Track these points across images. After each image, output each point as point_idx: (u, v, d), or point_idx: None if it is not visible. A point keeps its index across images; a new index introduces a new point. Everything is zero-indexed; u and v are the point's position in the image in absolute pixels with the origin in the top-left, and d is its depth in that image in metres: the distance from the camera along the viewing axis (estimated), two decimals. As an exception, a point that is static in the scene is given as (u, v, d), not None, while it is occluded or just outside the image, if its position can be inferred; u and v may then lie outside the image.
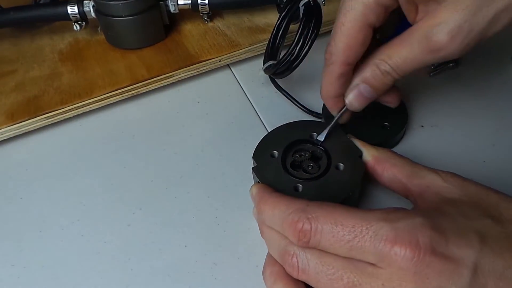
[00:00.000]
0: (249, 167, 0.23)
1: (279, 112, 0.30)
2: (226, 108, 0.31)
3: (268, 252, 0.20)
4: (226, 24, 0.36)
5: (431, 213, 0.18)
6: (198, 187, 0.26)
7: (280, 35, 0.29)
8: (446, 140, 0.27)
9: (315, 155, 0.23)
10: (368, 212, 0.17)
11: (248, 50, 0.33)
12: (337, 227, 0.17)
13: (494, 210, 0.18)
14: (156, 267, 0.22)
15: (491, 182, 0.19)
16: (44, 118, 0.29)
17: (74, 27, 0.34)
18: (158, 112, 0.31)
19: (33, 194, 0.26)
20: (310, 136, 0.24)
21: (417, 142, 0.27)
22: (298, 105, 0.29)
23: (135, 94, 0.31)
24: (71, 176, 0.27)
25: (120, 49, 0.34)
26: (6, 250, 0.23)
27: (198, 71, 0.32)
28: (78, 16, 0.33)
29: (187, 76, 0.32)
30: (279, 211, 0.19)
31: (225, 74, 0.33)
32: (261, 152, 0.23)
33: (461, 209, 0.18)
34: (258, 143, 0.24)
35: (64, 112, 0.29)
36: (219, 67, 0.33)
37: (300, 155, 0.23)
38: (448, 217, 0.17)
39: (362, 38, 0.21)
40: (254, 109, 0.31)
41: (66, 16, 0.33)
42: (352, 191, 0.21)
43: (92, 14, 0.33)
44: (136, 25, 0.32)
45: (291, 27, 0.30)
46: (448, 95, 0.30)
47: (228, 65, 0.34)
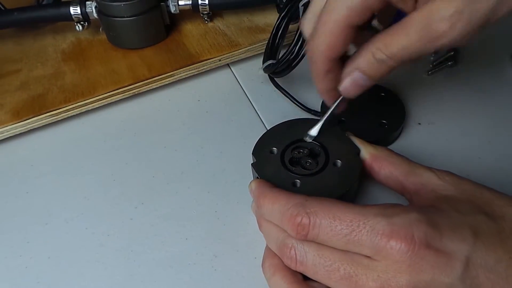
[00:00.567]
0: (248, 163, 0.24)
1: (278, 111, 0.31)
2: (226, 107, 0.31)
3: (266, 245, 0.21)
4: (226, 24, 0.36)
5: (426, 209, 0.18)
6: (198, 182, 0.26)
7: (280, 34, 0.30)
8: (443, 137, 0.28)
9: (313, 152, 0.24)
10: (366, 208, 0.18)
11: (247, 49, 0.34)
12: (335, 221, 0.18)
13: (487, 206, 0.18)
14: (158, 259, 0.23)
15: (486, 178, 0.20)
16: (48, 116, 0.30)
17: (77, 27, 0.35)
18: (159, 110, 0.32)
19: (38, 189, 0.27)
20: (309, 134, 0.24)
21: (414, 139, 0.28)
22: (297, 103, 0.30)
23: (136, 93, 0.32)
24: (75, 172, 0.28)
25: (122, 49, 0.35)
26: (13, 242, 0.24)
27: (198, 71, 0.33)
28: (81, 16, 0.34)
29: (187, 75, 0.33)
30: (279, 205, 0.19)
31: (225, 73, 0.34)
32: (260, 149, 0.24)
33: (455, 205, 0.18)
34: (258, 140, 0.24)
35: (68, 110, 0.30)
36: (219, 67, 0.34)
37: (299, 152, 0.23)
38: (443, 213, 0.18)
39: (344, 38, 0.20)
40: (254, 107, 0.31)
41: (69, 17, 0.34)
42: (349, 187, 0.22)
43: (94, 15, 0.34)
44: (137, 25, 0.33)
45: (290, 26, 0.30)
46: (445, 94, 0.31)
47: (228, 64, 0.34)
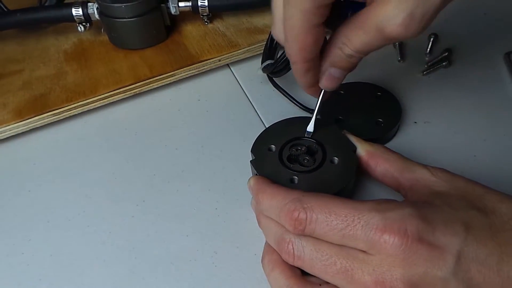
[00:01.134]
0: (247, 161, 0.24)
1: (276, 109, 0.31)
2: (225, 106, 0.32)
3: (266, 241, 0.21)
4: (226, 25, 0.37)
5: (420, 204, 0.18)
6: (199, 180, 0.27)
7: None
8: (439, 135, 0.28)
9: (311, 149, 0.24)
10: (360, 203, 0.18)
11: (246, 50, 0.34)
12: (330, 216, 0.18)
13: (479, 202, 0.19)
14: (159, 256, 0.23)
15: (481, 176, 0.20)
16: (51, 115, 0.30)
17: (79, 28, 0.35)
18: (160, 109, 0.32)
19: (40, 187, 0.27)
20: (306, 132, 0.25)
21: (410, 138, 0.28)
22: (295, 102, 0.30)
23: (137, 92, 0.32)
24: (76, 171, 0.28)
25: (123, 49, 0.35)
26: (15, 239, 0.24)
27: (198, 71, 0.33)
28: (83, 17, 0.34)
29: (187, 75, 0.33)
30: (276, 201, 0.20)
31: (224, 73, 0.35)
32: (259, 146, 0.24)
33: (448, 201, 0.19)
34: (256, 137, 0.25)
35: (70, 109, 0.30)
36: (219, 67, 0.34)
37: (297, 149, 0.24)
38: (436, 208, 0.18)
39: (312, 38, 0.20)
40: (253, 106, 0.32)
41: (71, 18, 0.34)
42: (346, 183, 0.22)
43: (96, 16, 0.34)
44: (138, 26, 0.34)
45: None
46: (441, 93, 0.31)
47: (227, 64, 0.35)
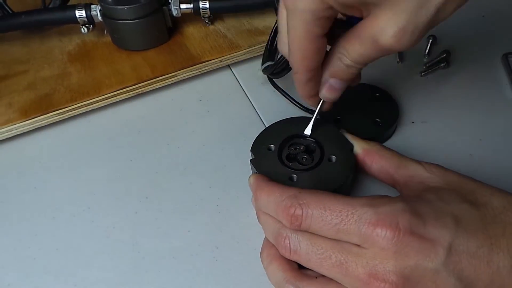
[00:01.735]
0: (247, 160, 0.25)
1: (276, 110, 0.32)
2: (226, 106, 0.32)
3: (265, 236, 0.22)
4: (227, 26, 0.37)
5: (412, 199, 0.19)
6: (200, 178, 0.27)
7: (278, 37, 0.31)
8: (436, 135, 0.29)
9: (309, 148, 0.25)
10: (354, 199, 0.19)
11: (247, 51, 0.35)
12: (325, 212, 0.19)
13: (471, 195, 0.19)
14: (162, 250, 0.24)
15: (477, 174, 0.21)
16: (55, 114, 0.31)
17: (82, 30, 0.36)
18: (162, 109, 0.33)
19: (46, 184, 0.28)
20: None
21: (407, 137, 0.29)
22: (294, 102, 0.31)
23: (140, 92, 0.33)
24: (81, 168, 0.29)
25: (126, 50, 0.36)
26: (22, 234, 0.25)
27: (200, 71, 0.34)
28: (86, 19, 0.35)
29: (189, 76, 0.34)
30: (274, 197, 0.20)
31: (225, 74, 0.35)
32: (258, 146, 0.25)
33: (440, 195, 0.19)
34: (256, 137, 0.25)
35: (74, 109, 0.31)
36: (220, 68, 0.35)
37: (295, 148, 0.24)
38: (428, 203, 0.19)
39: (314, 48, 0.21)
40: (253, 106, 0.32)
41: (74, 20, 0.35)
42: (343, 181, 0.23)
43: (99, 18, 0.35)
44: (141, 28, 0.34)
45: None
46: (438, 93, 0.32)
47: (228, 65, 0.35)
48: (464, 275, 0.17)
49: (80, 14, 0.34)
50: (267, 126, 0.27)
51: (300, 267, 0.20)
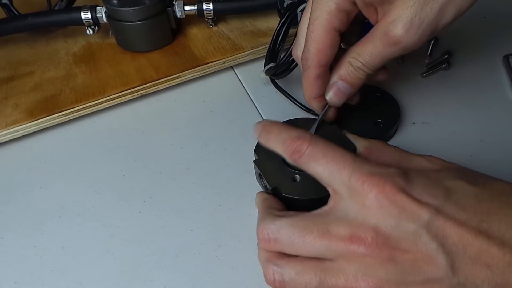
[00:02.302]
0: (250, 160, 0.25)
1: (279, 110, 0.32)
2: (229, 107, 0.33)
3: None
4: (230, 28, 0.38)
5: (407, 169, 0.19)
6: (203, 178, 0.28)
7: (280, 39, 0.31)
8: (436, 136, 0.29)
9: None
10: (358, 156, 0.19)
11: (250, 52, 0.35)
12: (329, 153, 0.19)
13: (471, 177, 0.19)
14: (165, 249, 0.24)
15: None
16: (61, 115, 0.31)
17: (87, 31, 0.36)
18: (165, 110, 0.33)
19: (51, 184, 0.28)
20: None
21: (409, 138, 0.29)
22: (297, 103, 0.31)
23: (144, 93, 0.33)
24: (85, 168, 0.29)
25: (130, 51, 0.36)
26: (29, 233, 0.25)
27: (203, 72, 0.34)
28: (91, 21, 0.35)
29: (193, 77, 0.34)
30: (287, 131, 0.21)
31: (228, 75, 0.35)
32: (262, 146, 0.25)
33: (438, 173, 0.19)
34: None
35: (79, 110, 0.32)
36: (223, 69, 0.35)
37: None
38: (423, 174, 0.19)
39: (330, 41, 0.23)
40: (256, 107, 0.33)
41: (80, 21, 0.35)
42: None
43: (104, 19, 0.35)
44: (145, 29, 0.35)
45: (290, 31, 0.32)
46: (439, 95, 0.32)
47: (231, 66, 0.36)
48: (447, 243, 0.16)
49: (85, 15, 0.35)
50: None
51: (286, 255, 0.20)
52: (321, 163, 0.19)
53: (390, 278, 0.17)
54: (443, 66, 0.34)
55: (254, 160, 0.25)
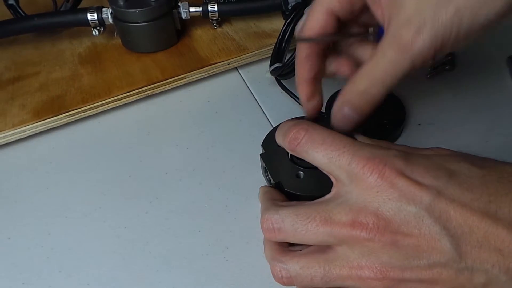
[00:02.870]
0: (256, 160, 0.25)
1: (284, 111, 0.32)
2: (234, 107, 0.33)
3: None
4: (234, 29, 0.38)
5: (408, 152, 0.19)
6: (209, 178, 0.28)
7: (286, 39, 0.31)
8: (442, 137, 0.29)
9: None
10: (355, 140, 0.19)
11: (255, 53, 0.35)
12: (327, 138, 0.19)
13: (477, 161, 0.18)
14: (172, 250, 0.24)
15: None
16: (67, 115, 0.31)
17: (93, 32, 0.36)
18: (171, 110, 0.33)
19: (57, 184, 0.28)
20: None
21: (414, 139, 0.29)
22: (302, 104, 0.31)
23: (149, 94, 0.33)
24: (92, 169, 0.29)
25: (136, 52, 0.36)
26: (35, 234, 0.25)
27: (208, 73, 0.34)
28: (97, 22, 0.35)
29: (198, 78, 0.34)
30: (287, 124, 0.21)
31: (233, 76, 0.36)
32: (269, 141, 0.25)
33: (442, 155, 0.19)
34: (268, 132, 0.26)
35: (85, 110, 0.32)
36: (228, 70, 0.35)
37: None
38: (425, 156, 0.18)
39: (323, 22, 0.21)
40: (261, 108, 0.33)
41: (86, 22, 0.35)
42: None
43: (110, 21, 0.35)
44: (150, 30, 0.35)
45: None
46: (444, 95, 0.32)
47: (236, 67, 0.36)
48: (452, 225, 0.16)
49: (92, 17, 0.35)
50: (280, 122, 0.27)
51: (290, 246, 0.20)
52: (319, 150, 0.19)
53: (393, 262, 0.17)
54: (447, 67, 0.34)
55: (260, 154, 0.25)
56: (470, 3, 0.18)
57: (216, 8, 0.36)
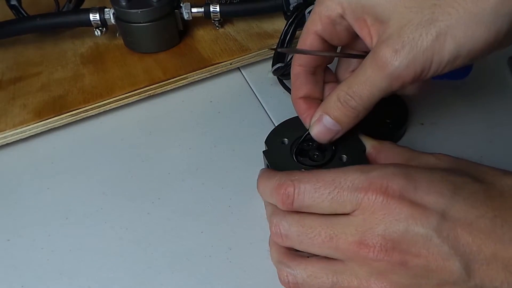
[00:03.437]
0: (259, 160, 0.25)
1: (287, 111, 0.31)
2: (237, 108, 0.33)
3: None
4: (236, 30, 0.38)
5: (407, 165, 0.19)
6: (212, 179, 0.27)
7: (288, 39, 0.31)
8: (445, 137, 0.29)
9: (321, 146, 0.24)
10: (346, 167, 0.19)
11: (257, 54, 0.35)
12: (318, 183, 0.18)
13: (478, 174, 0.18)
14: (175, 251, 0.24)
15: None
16: (69, 115, 0.31)
17: (96, 32, 0.36)
18: (173, 111, 0.33)
19: (59, 185, 0.28)
20: None
21: (417, 138, 0.29)
22: (305, 104, 0.31)
23: (151, 94, 0.33)
24: (93, 169, 0.29)
25: (138, 53, 0.36)
26: (36, 235, 0.25)
27: (210, 73, 0.34)
28: (99, 22, 0.35)
29: (200, 78, 0.34)
30: (269, 181, 0.20)
31: (235, 76, 0.35)
32: (273, 138, 0.25)
33: (444, 170, 0.19)
34: (272, 129, 0.26)
35: (87, 110, 0.31)
36: (230, 70, 0.35)
37: (308, 145, 0.24)
38: (426, 170, 0.18)
39: (309, 42, 0.22)
40: (264, 108, 0.33)
41: (88, 23, 0.35)
42: None
43: (112, 21, 0.35)
44: (153, 31, 0.35)
45: (297, 32, 0.32)
46: (447, 95, 0.32)
47: (238, 68, 0.36)
48: (460, 244, 0.16)
49: (94, 17, 0.35)
50: (284, 120, 0.27)
51: (297, 251, 0.20)
52: (317, 197, 0.18)
53: (403, 282, 0.17)
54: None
55: (263, 151, 0.25)
56: (455, 27, 0.17)
57: (218, 9, 0.36)
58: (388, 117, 0.29)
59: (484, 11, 0.17)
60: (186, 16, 0.36)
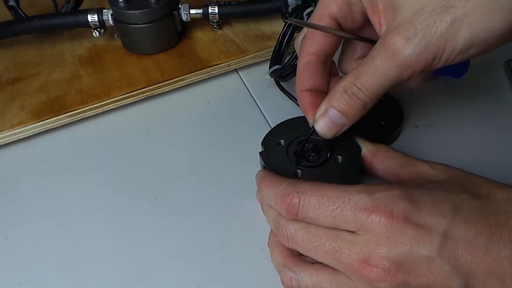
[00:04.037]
0: (255, 161, 0.25)
1: (283, 113, 0.32)
2: (234, 109, 0.33)
3: None
4: (235, 31, 0.38)
5: (410, 187, 0.19)
6: (208, 179, 0.28)
7: (286, 41, 0.32)
8: (439, 139, 0.29)
9: (317, 147, 0.25)
10: (351, 186, 0.19)
11: (254, 55, 0.35)
12: (322, 199, 0.18)
13: (474, 188, 0.19)
14: (170, 250, 0.24)
15: None
16: (67, 116, 0.31)
17: (94, 33, 0.36)
18: (170, 111, 0.33)
19: (56, 185, 0.28)
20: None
21: (411, 141, 0.29)
22: (301, 106, 0.32)
23: (149, 95, 0.33)
24: (90, 169, 0.29)
25: (136, 54, 0.36)
26: (33, 233, 0.25)
27: (208, 75, 0.34)
28: (98, 23, 0.36)
29: (197, 80, 0.34)
30: (274, 188, 0.20)
31: (233, 78, 0.36)
32: (269, 140, 0.25)
33: (441, 185, 0.19)
34: (269, 131, 0.26)
35: (85, 111, 0.32)
36: (228, 71, 0.35)
37: (304, 146, 0.25)
38: (427, 191, 0.18)
39: (323, 23, 0.21)
40: (260, 110, 0.33)
41: (87, 24, 0.35)
42: (347, 181, 0.23)
43: (110, 22, 0.35)
44: (151, 32, 0.35)
45: (295, 34, 0.32)
46: (442, 98, 0.32)
47: (236, 69, 0.36)
48: (460, 263, 0.16)
49: (92, 18, 0.35)
50: (280, 122, 0.27)
51: (300, 254, 0.20)
52: (320, 212, 0.19)
53: None
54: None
55: (260, 152, 0.25)
56: (471, 14, 0.16)
57: (216, 10, 0.36)
58: (383, 119, 0.29)
59: None
60: (184, 17, 0.36)
